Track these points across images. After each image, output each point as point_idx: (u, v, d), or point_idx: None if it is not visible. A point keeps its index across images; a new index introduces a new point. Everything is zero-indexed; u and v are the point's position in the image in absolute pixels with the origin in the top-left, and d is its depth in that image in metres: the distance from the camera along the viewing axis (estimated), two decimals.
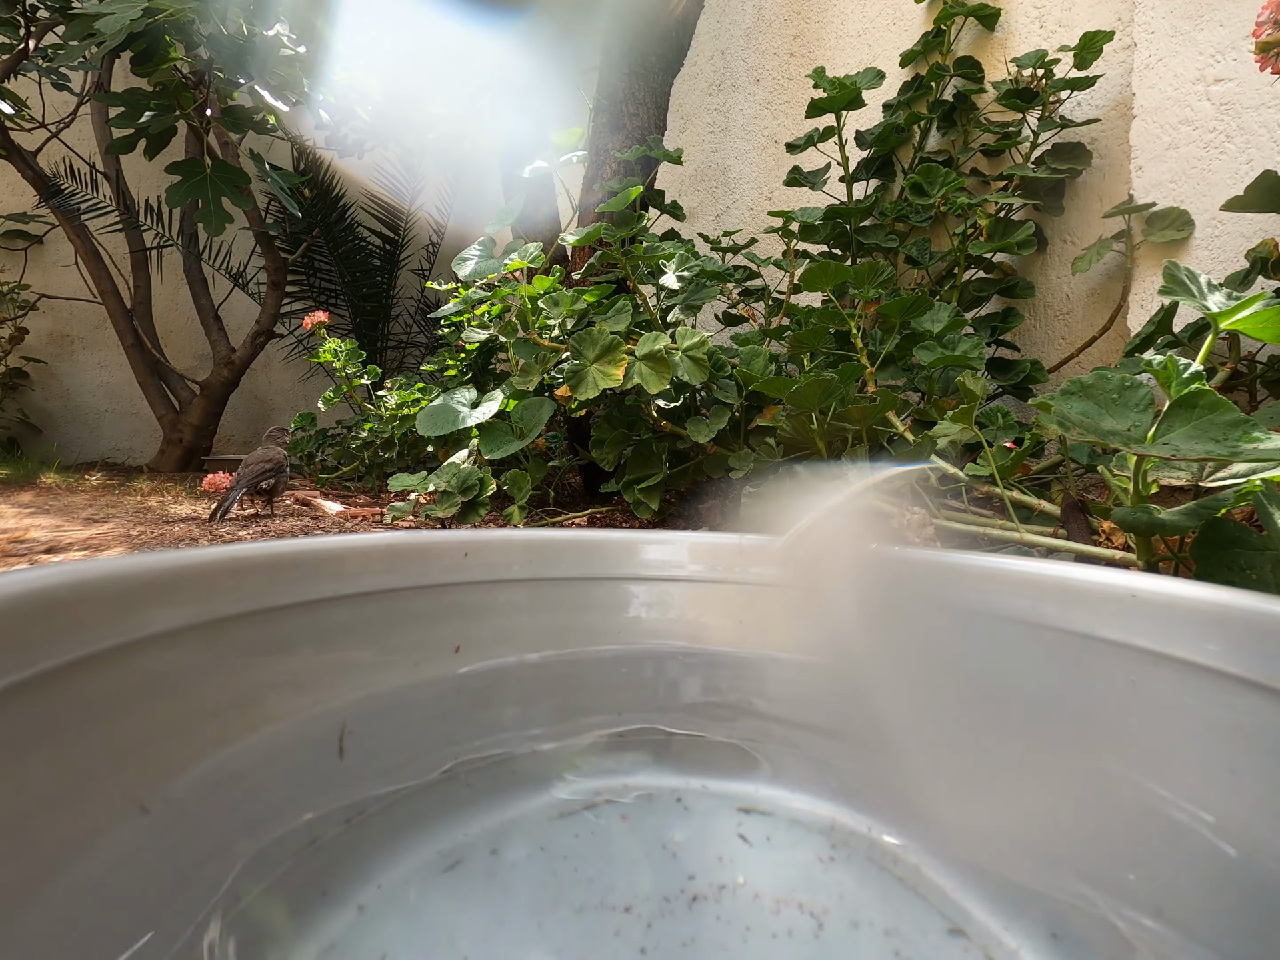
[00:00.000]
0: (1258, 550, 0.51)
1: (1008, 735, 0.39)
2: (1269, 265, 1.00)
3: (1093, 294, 1.48)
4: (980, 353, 0.97)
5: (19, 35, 1.91)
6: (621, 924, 0.31)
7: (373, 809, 0.37)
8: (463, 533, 0.48)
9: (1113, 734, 0.35)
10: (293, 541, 0.40)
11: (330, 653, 0.40)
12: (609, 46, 1.65)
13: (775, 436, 1.06)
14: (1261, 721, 0.30)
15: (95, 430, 3.08)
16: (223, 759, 0.32)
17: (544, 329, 1.29)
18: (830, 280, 1.02)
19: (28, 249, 2.97)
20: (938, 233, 1.64)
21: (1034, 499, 0.82)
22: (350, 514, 1.40)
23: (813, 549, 0.44)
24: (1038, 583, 0.40)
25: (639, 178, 1.54)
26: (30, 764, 0.24)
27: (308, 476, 1.98)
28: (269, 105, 1.98)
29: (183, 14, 1.55)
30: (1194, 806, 0.31)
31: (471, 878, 0.34)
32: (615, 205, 1.21)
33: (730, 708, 0.49)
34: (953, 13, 1.59)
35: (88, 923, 0.24)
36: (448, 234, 3.09)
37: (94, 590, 0.29)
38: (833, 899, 0.33)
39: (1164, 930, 0.30)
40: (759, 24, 2.06)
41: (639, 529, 0.94)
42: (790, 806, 0.41)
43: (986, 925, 0.31)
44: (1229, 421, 0.51)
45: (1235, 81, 1.10)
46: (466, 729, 0.44)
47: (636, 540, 0.52)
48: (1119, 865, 0.33)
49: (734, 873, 0.34)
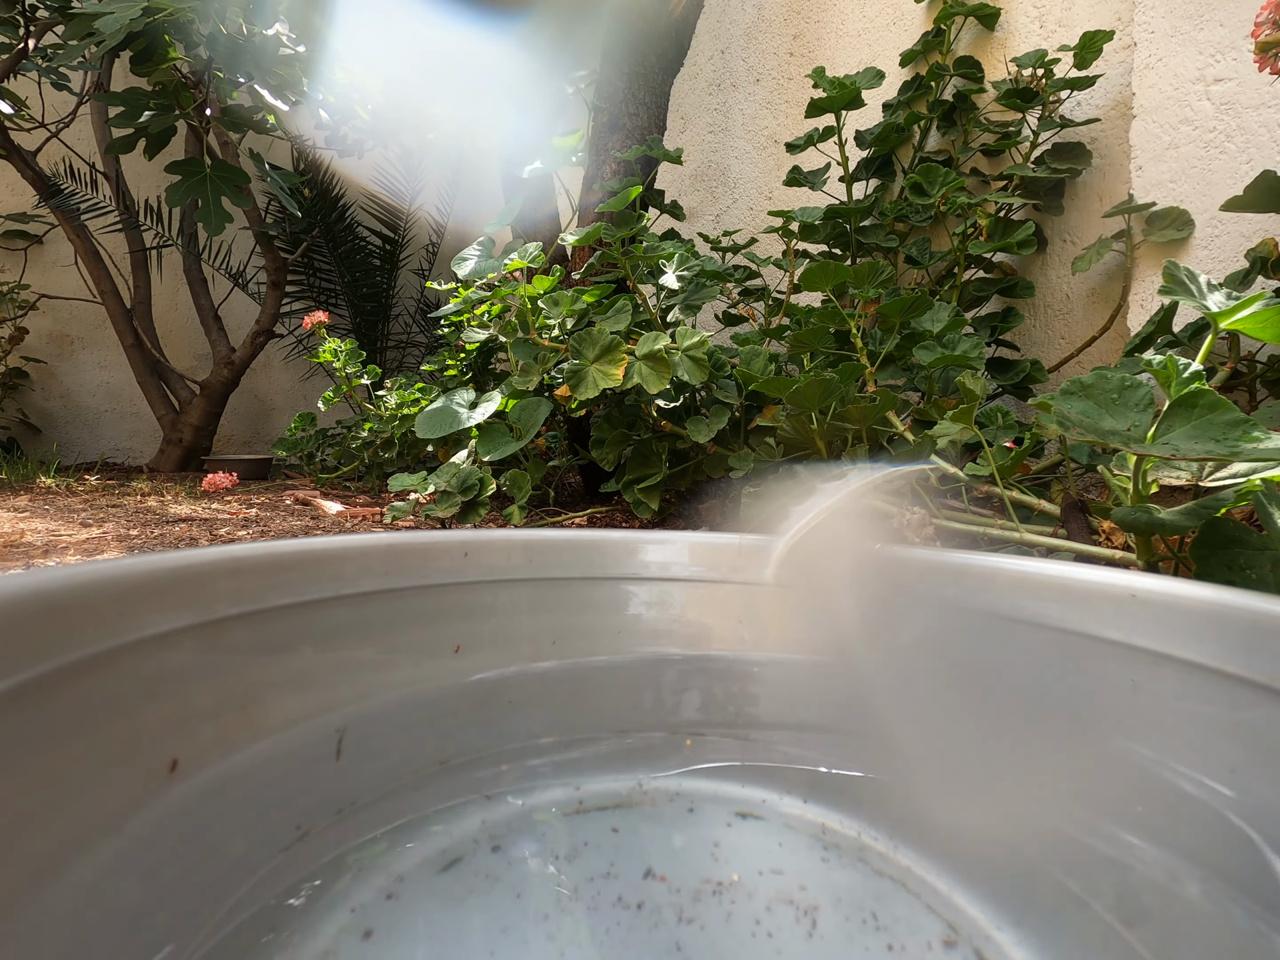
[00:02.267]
0: (1258, 550, 0.51)
1: (1006, 736, 0.39)
2: (1269, 265, 1.00)
3: (1093, 294, 1.48)
4: (980, 352, 0.97)
5: (19, 35, 1.90)
6: (618, 924, 0.31)
7: (369, 807, 0.37)
8: (463, 533, 0.48)
9: (1112, 734, 0.35)
10: (292, 541, 0.39)
11: (330, 653, 0.40)
12: (609, 47, 1.65)
13: (775, 436, 1.06)
14: (1261, 721, 0.30)
15: (95, 430, 3.08)
16: (222, 760, 0.32)
17: (544, 329, 1.29)
18: (830, 280, 1.02)
19: (28, 249, 2.97)
20: (938, 232, 1.64)
21: (1034, 499, 0.82)
22: (350, 514, 1.40)
23: (812, 549, 0.44)
24: (1037, 582, 0.40)
25: (639, 177, 1.54)
26: (27, 768, 0.24)
27: (308, 476, 1.98)
28: (268, 105, 1.98)
29: (182, 13, 1.55)
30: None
31: (470, 877, 0.34)
32: (615, 205, 1.21)
33: (729, 707, 0.49)
34: (953, 12, 1.59)
35: (84, 927, 0.24)
36: (448, 234, 3.09)
37: (91, 592, 0.29)
38: (828, 900, 0.33)
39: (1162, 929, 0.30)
40: (759, 24, 2.06)
41: (639, 529, 0.94)
42: (785, 809, 0.41)
43: (980, 924, 0.31)
44: (1229, 421, 0.51)
45: (1235, 81, 1.10)
46: (466, 728, 0.44)
47: (636, 540, 0.52)
48: (1116, 866, 0.33)
49: (728, 872, 0.34)
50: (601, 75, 1.66)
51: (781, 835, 0.38)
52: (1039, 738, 0.38)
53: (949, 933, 0.31)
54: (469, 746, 0.43)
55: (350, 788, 0.38)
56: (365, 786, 0.38)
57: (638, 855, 0.36)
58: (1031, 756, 0.38)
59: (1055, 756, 0.37)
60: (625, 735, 0.47)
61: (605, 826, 0.38)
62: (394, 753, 0.40)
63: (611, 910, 0.32)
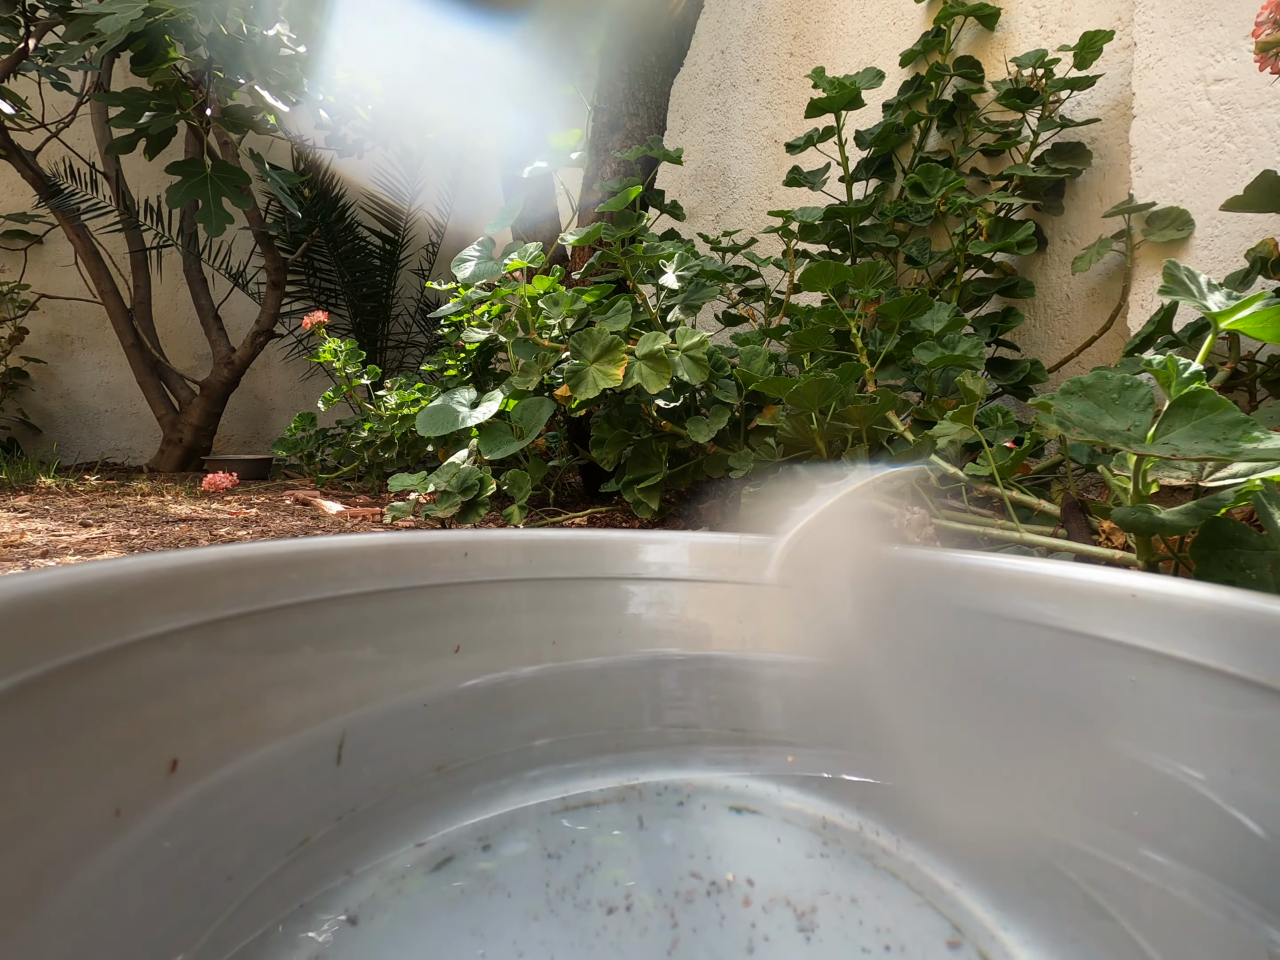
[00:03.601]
0: (1258, 550, 0.51)
1: (1006, 735, 0.39)
2: (1269, 265, 1.00)
3: (1093, 294, 1.48)
4: (980, 352, 0.97)
5: (19, 35, 1.90)
6: (614, 923, 0.31)
7: (365, 806, 0.37)
8: (463, 533, 0.48)
9: (1112, 734, 0.35)
10: (292, 542, 0.39)
11: (330, 653, 0.40)
12: (609, 47, 1.65)
13: (775, 436, 1.06)
14: (1261, 721, 0.30)
15: (95, 430, 3.08)
16: (222, 761, 0.32)
17: (544, 329, 1.29)
18: (830, 280, 1.02)
19: (28, 249, 2.97)
20: (938, 232, 1.64)
21: (1034, 499, 0.82)
22: (350, 514, 1.40)
23: (812, 549, 0.44)
24: (1037, 583, 0.40)
25: (639, 177, 1.54)
26: (24, 769, 0.24)
27: (308, 476, 1.98)
28: (268, 105, 1.98)
29: (182, 14, 1.55)
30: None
31: (463, 876, 0.33)
32: (615, 205, 1.21)
33: (728, 707, 0.49)
34: (953, 12, 1.59)
35: (87, 931, 0.24)
36: (448, 234, 3.09)
37: (91, 592, 0.29)
38: (826, 897, 0.33)
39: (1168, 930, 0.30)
40: (759, 24, 2.06)
41: (639, 529, 0.94)
42: (783, 805, 0.41)
43: (986, 924, 0.31)
44: (1229, 421, 0.51)
45: (1235, 81, 1.10)
46: (466, 728, 0.44)
47: (636, 540, 0.52)
48: (1118, 866, 0.33)
49: (723, 870, 0.34)
50: (601, 75, 1.66)
51: (780, 830, 0.38)
52: (1039, 737, 0.38)
53: (953, 933, 0.31)
54: (467, 746, 0.43)
55: (349, 787, 0.37)
56: (363, 785, 0.38)
57: (630, 855, 0.36)
58: (1031, 756, 0.38)
59: (1055, 756, 0.37)
60: (621, 733, 0.47)
61: (596, 824, 0.38)
62: (394, 752, 0.40)
63: (602, 911, 0.31)
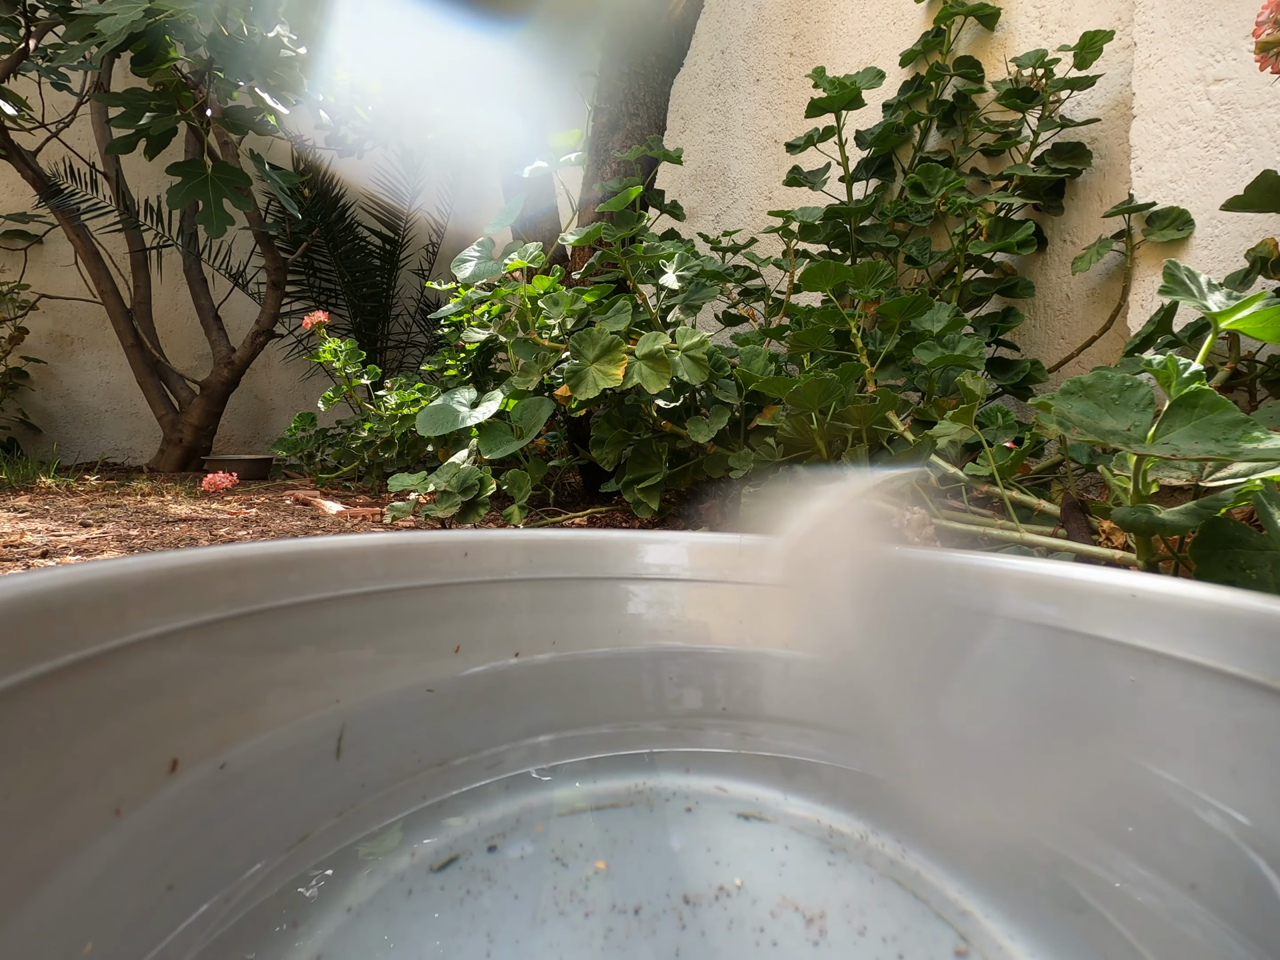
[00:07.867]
0: (1258, 550, 0.51)
1: (1007, 736, 0.39)
2: (1269, 265, 1.00)
3: (1093, 294, 1.48)
4: (980, 352, 0.97)
5: (19, 35, 1.90)
6: (622, 925, 0.31)
7: (366, 806, 0.37)
8: (463, 533, 0.48)
9: (1113, 734, 0.35)
10: (292, 542, 0.39)
11: (330, 653, 0.40)
12: (609, 47, 1.65)
13: (775, 436, 1.06)
14: (1261, 721, 0.30)
15: (95, 430, 3.08)
16: (221, 760, 0.32)
17: (544, 329, 1.29)
18: (830, 280, 1.02)
19: (28, 249, 2.97)
20: (938, 232, 1.64)
21: (1034, 499, 0.82)
22: (350, 514, 1.40)
23: (813, 549, 0.44)
24: (1038, 583, 0.40)
25: (639, 177, 1.54)
26: (24, 767, 0.24)
27: (308, 476, 1.98)
28: (268, 106, 1.98)
29: (183, 14, 1.55)
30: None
31: (467, 877, 0.33)
32: (615, 205, 1.21)
33: (729, 708, 0.49)
34: (953, 12, 1.59)
35: (85, 927, 0.24)
36: (448, 234, 3.09)
37: (91, 592, 0.29)
38: (833, 904, 0.32)
39: (1170, 936, 0.30)
40: (759, 24, 2.06)
41: (639, 529, 0.94)
42: (789, 810, 0.40)
43: (992, 934, 0.31)
44: (1229, 421, 0.51)
45: (1235, 81, 1.10)
46: (466, 729, 0.44)
47: (636, 540, 0.52)
48: (1119, 867, 0.33)
49: (730, 875, 0.34)
50: (601, 76, 1.66)
51: (786, 837, 0.38)
52: (1039, 738, 0.38)
53: (960, 942, 0.30)
54: (467, 746, 0.43)
55: (349, 787, 0.37)
56: (363, 785, 0.38)
57: (636, 858, 0.36)
58: (1031, 756, 0.38)
59: (1055, 756, 0.37)
60: (624, 735, 0.47)
61: (602, 827, 0.38)
62: (393, 752, 0.40)
63: (609, 915, 0.31)
